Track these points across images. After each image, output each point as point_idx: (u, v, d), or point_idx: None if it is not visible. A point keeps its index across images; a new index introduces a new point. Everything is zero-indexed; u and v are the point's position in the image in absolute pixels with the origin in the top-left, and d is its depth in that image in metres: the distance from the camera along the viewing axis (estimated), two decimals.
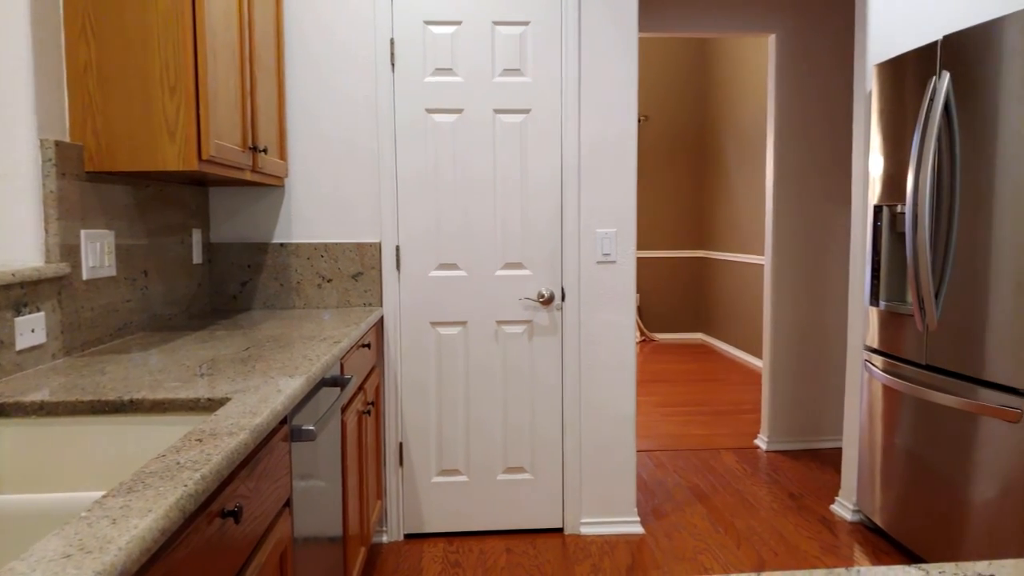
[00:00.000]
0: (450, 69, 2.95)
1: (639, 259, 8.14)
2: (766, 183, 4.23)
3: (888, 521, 2.93)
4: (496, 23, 2.95)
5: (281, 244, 2.96)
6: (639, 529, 3.12)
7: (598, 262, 3.04)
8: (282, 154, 2.83)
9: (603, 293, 3.05)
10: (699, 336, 8.19)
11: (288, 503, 1.57)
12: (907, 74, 2.79)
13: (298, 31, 2.90)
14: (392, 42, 2.92)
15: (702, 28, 4.09)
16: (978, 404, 2.41)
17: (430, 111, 2.96)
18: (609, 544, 3.01)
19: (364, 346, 2.57)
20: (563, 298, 3.04)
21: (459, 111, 2.97)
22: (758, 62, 6.53)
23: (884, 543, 3.00)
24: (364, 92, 2.94)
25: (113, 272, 2.10)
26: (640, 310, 8.16)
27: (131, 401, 1.43)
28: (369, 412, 2.58)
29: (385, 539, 3.07)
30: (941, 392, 2.58)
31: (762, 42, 6.40)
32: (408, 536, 3.11)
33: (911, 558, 2.86)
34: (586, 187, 3.02)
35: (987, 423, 2.39)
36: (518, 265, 3.03)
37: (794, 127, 4.14)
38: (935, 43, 2.62)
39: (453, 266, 3.02)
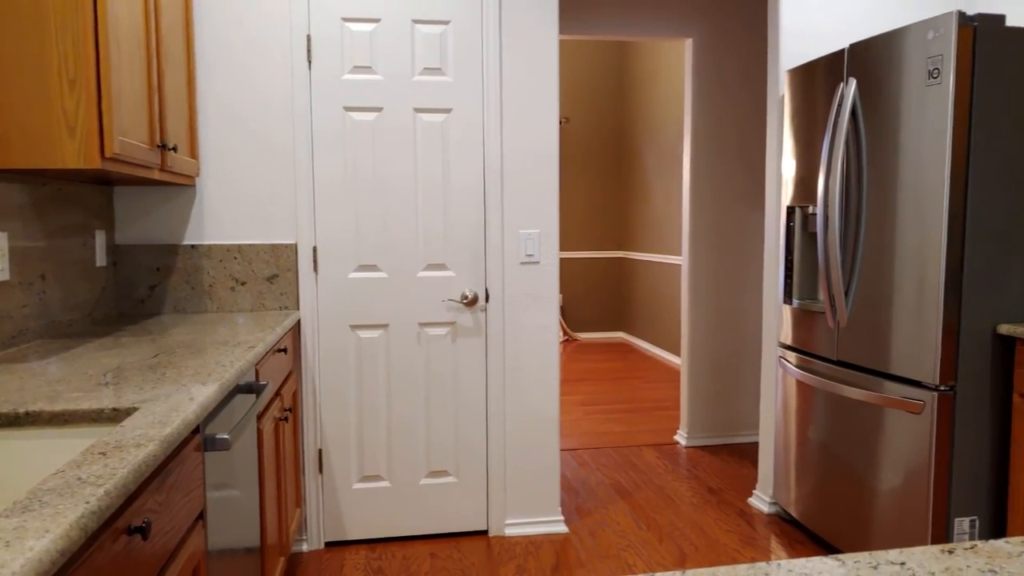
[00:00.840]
0: (369, 67, 2.89)
1: (562, 260, 8.21)
2: (683, 185, 4.33)
3: (803, 512, 3.03)
4: (416, 22, 2.91)
5: (192, 246, 2.84)
6: (563, 528, 3.13)
7: (522, 263, 3.04)
8: (193, 152, 2.72)
9: (527, 294, 3.05)
10: (620, 335, 8.32)
11: (202, 515, 1.50)
12: (817, 80, 2.89)
13: (209, 24, 2.79)
14: (309, 38, 2.85)
15: (621, 31, 4.14)
16: (885, 397, 2.52)
17: (349, 109, 2.90)
18: (534, 544, 3.01)
19: (280, 351, 2.49)
20: (487, 299, 3.02)
21: (378, 110, 2.92)
22: (675, 66, 6.68)
23: (799, 533, 3.10)
24: (280, 89, 2.85)
25: (7, 276, 1.97)
26: (563, 310, 8.23)
27: (27, 413, 1.33)
28: (287, 419, 2.50)
29: (305, 548, 2.99)
30: (851, 386, 2.68)
31: (679, 46, 6.55)
32: (329, 544, 3.03)
33: (825, 547, 2.96)
34: (509, 187, 3.01)
35: (893, 415, 2.50)
36: (441, 266, 3.00)
37: (710, 130, 4.25)
38: (843, 51, 2.73)
39: (373, 267, 2.96)
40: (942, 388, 2.34)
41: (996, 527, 2.41)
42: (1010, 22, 3.04)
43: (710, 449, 4.26)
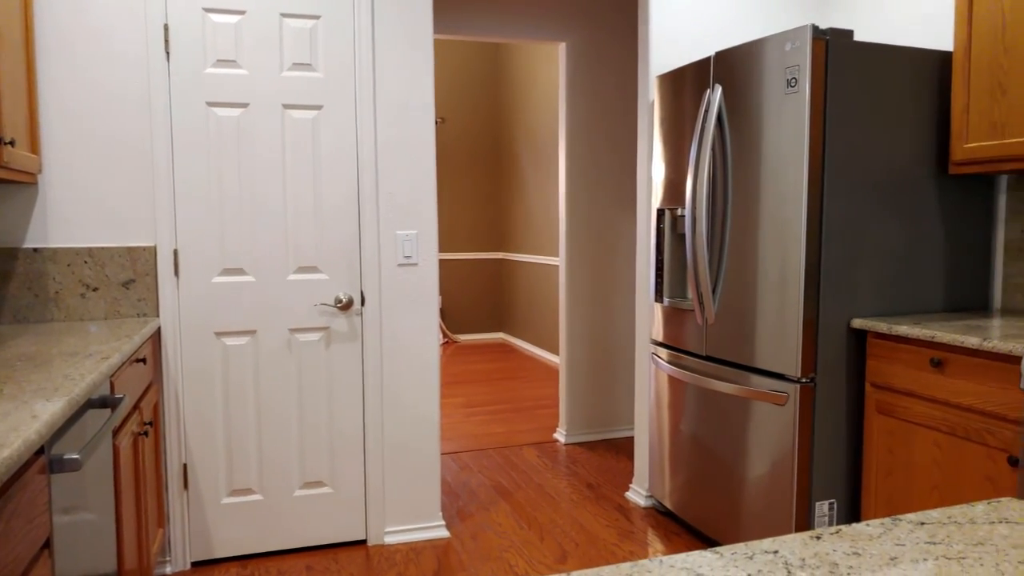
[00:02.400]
0: (234, 61, 2.75)
1: (441, 261, 8.11)
2: (559, 187, 4.39)
3: (677, 504, 3.13)
4: (284, 15, 2.79)
5: (35, 249, 2.60)
6: (445, 533, 3.10)
7: (399, 265, 2.97)
8: (34, 147, 2.48)
9: (405, 296, 2.99)
10: (500, 336, 8.36)
11: (48, 543, 1.36)
12: (685, 86, 2.99)
13: (52, 7, 2.56)
14: (166, 28, 2.67)
15: (495, 33, 4.15)
16: (751, 390, 2.64)
17: (212, 105, 2.74)
18: (415, 551, 2.95)
19: (139, 361, 2.31)
20: (363, 303, 2.94)
21: (244, 105, 2.78)
22: (551, 68, 6.77)
23: (675, 525, 3.20)
24: (135, 81, 2.66)
25: None
26: (442, 312, 8.18)
27: None
28: (147, 433, 2.33)
29: (169, 570, 2.80)
30: (719, 380, 2.79)
31: (554, 49, 6.65)
32: (196, 564, 2.85)
33: (699, 536, 3.07)
34: (385, 187, 2.94)
35: (759, 407, 2.62)
36: (313, 269, 2.89)
37: (584, 133, 4.33)
38: (709, 58, 2.84)
39: (239, 271, 2.82)
40: (803, 380, 2.47)
41: (852, 508, 2.58)
42: (856, 37, 3.26)
43: (588, 445, 4.34)
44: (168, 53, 2.68)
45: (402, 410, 3.02)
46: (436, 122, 7.97)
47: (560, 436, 4.44)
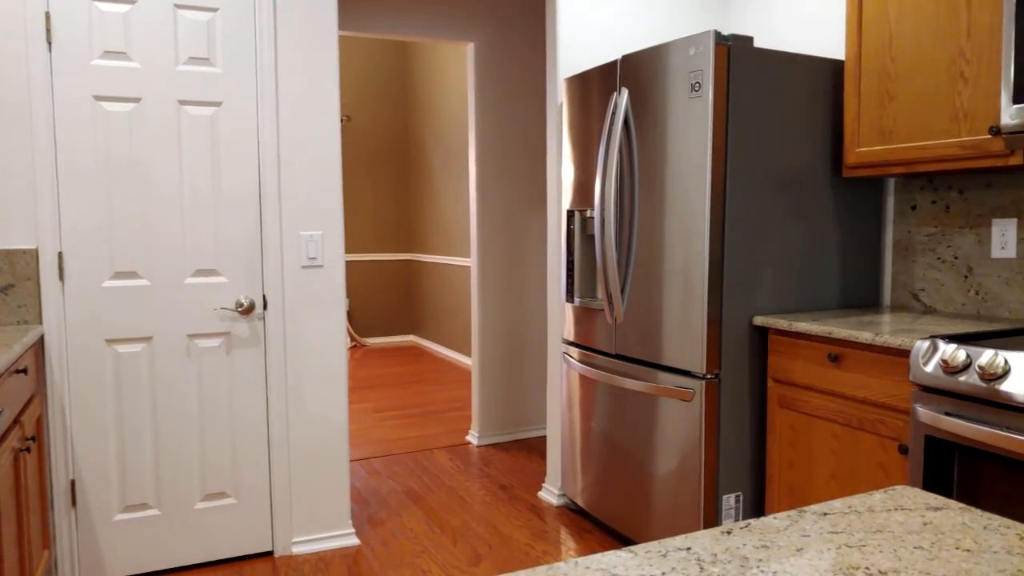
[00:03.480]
0: (124, 53, 2.60)
1: (348, 262, 7.99)
2: (470, 187, 4.37)
3: (589, 501, 3.16)
4: (179, 6, 2.66)
5: None
6: (355, 541, 3.02)
7: (303, 267, 2.88)
8: None
9: (310, 299, 2.90)
10: (411, 338, 8.26)
11: None
12: (593, 89, 3.02)
13: None
14: (48, 16, 2.50)
15: (402, 31, 4.09)
16: (659, 387, 2.68)
17: (100, 99, 2.58)
18: (324, 561, 2.87)
19: (19, 371, 2.15)
20: (265, 306, 2.83)
21: (136, 100, 2.63)
22: (460, 68, 6.75)
23: (587, 522, 3.23)
24: (12, 72, 2.47)
25: None
26: (350, 315, 8.02)
27: None
28: (29, 449, 2.17)
29: None
30: (629, 378, 2.83)
31: (463, 48, 6.62)
32: None
33: (610, 533, 3.11)
34: (288, 187, 2.84)
35: (667, 403, 2.67)
36: (212, 272, 2.77)
37: (494, 134, 4.32)
38: (615, 61, 2.87)
39: (132, 274, 2.66)
40: (708, 376, 2.53)
41: (757, 499, 2.66)
42: (756, 43, 3.37)
43: (502, 446, 4.33)
44: (50, 43, 2.51)
45: (309, 417, 2.93)
46: (342, 120, 7.81)
47: (473, 438, 4.42)
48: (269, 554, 2.92)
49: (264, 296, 2.83)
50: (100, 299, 2.63)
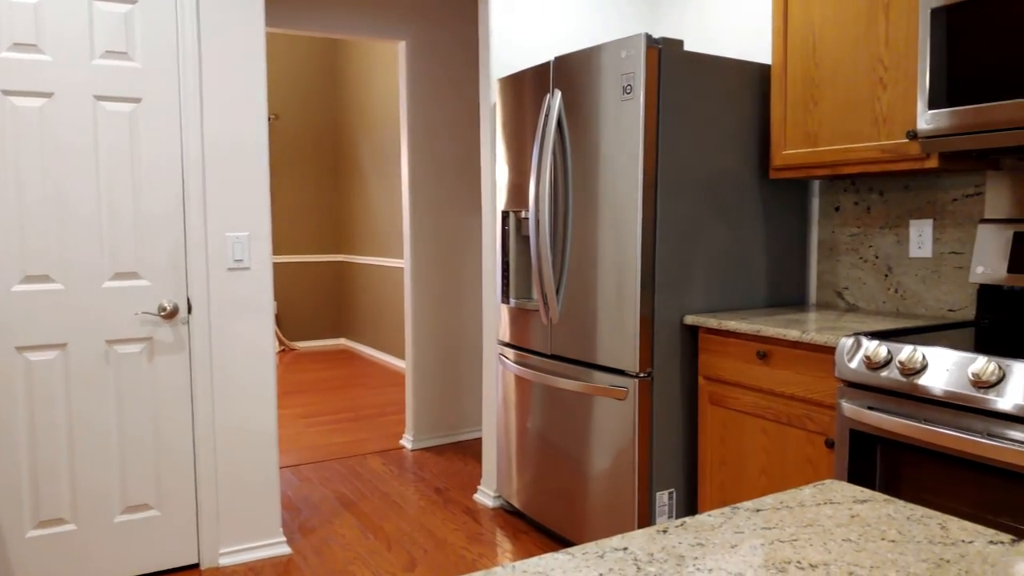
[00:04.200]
0: (34, 45, 2.47)
1: (276, 264, 7.81)
2: (402, 187, 4.32)
3: (525, 502, 3.15)
4: None
5: None
6: (286, 550, 2.94)
7: (229, 269, 2.79)
8: None
9: (236, 302, 2.81)
10: (342, 342, 8.13)
11: None
12: (526, 90, 3.02)
13: None
14: None
15: (331, 28, 4.02)
16: (593, 386, 2.70)
17: (8, 93, 2.45)
18: (254, 571, 2.78)
19: None
20: (189, 310, 2.73)
21: (48, 95, 2.50)
22: (391, 67, 6.67)
23: (523, 524, 3.22)
24: None
25: None
26: (278, 318, 7.84)
27: None
28: None
29: None
30: (564, 378, 2.84)
31: (394, 47, 6.55)
32: None
33: (546, 534, 3.11)
34: (213, 187, 2.75)
35: (601, 402, 2.69)
36: (132, 275, 2.65)
37: (427, 134, 4.28)
38: (548, 63, 2.88)
39: (45, 278, 2.53)
40: (641, 375, 2.56)
41: (690, 496, 2.70)
42: (687, 47, 3.43)
43: (436, 450, 4.29)
44: None
45: (236, 423, 2.84)
46: (269, 119, 7.64)
47: (407, 442, 4.36)
48: (195, 567, 2.82)
49: (188, 299, 2.73)
50: (9, 305, 2.49)
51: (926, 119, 2.08)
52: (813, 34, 2.53)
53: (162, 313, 2.66)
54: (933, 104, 2.06)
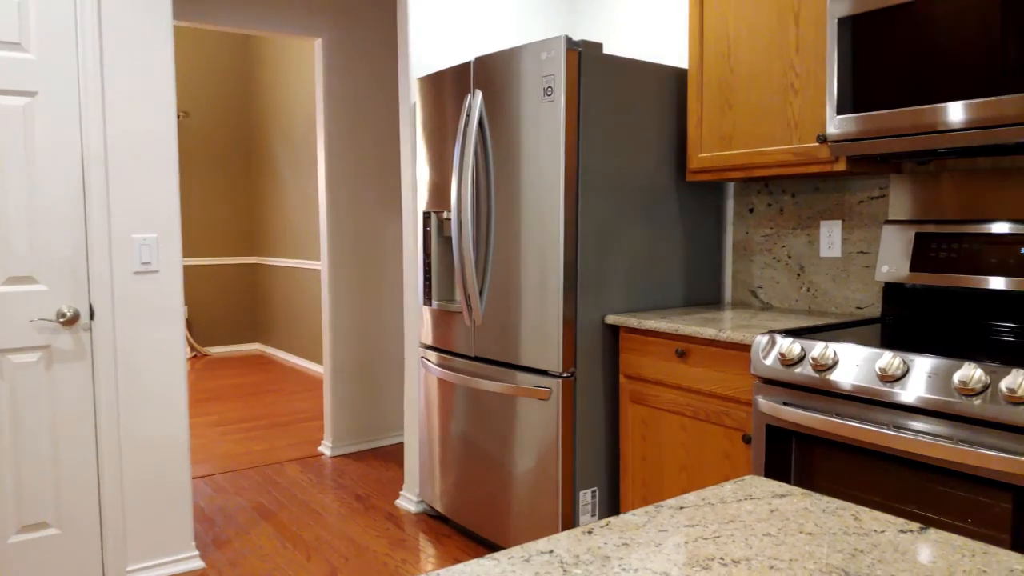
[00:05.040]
0: None
1: (186, 267, 7.52)
2: (319, 187, 4.22)
3: (448, 506, 3.12)
4: None
5: None
6: (199, 564, 2.82)
7: (136, 272, 2.66)
8: None
9: (144, 307, 2.68)
10: (257, 347, 7.90)
11: None
12: (446, 90, 2.99)
13: None
14: None
15: (244, 24, 3.89)
16: (517, 387, 2.69)
17: None
18: None
19: None
20: (92, 316, 2.59)
21: None
22: (307, 64, 6.52)
23: (446, 528, 3.19)
24: None
25: None
26: (190, 323, 7.55)
27: None
28: None
29: None
30: (487, 380, 2.82)
31: (310, 45, 6.41)
32: None
33: (470, 537, 3.08)
34: (117, 187, 2.62)
35: (525, 403, 2.68)
36: (28, 279, 2.49)
37: (345, 133, 4.20)
38: (469, 63, 2.86)
39: None
40: (565, 375, 2.57)
41: (612, 494, 2.72)
42: (606, 50, 3.47)
43: (357, 456, 4.21)
44: None
45: (143, 434, 2.71)
46: (179, 116, 7.36)
47: (326, 449, 4.26)
48: None
49: (91, 305, 2.59)
50: None
51: (835, 124, 2.16)
52: (728, 40, 2.59)
53: (61, 319, 2.51)
54: (841, 110, 2.14)
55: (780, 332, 2.11)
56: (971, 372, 1.64)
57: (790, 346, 2.02)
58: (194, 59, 7.45)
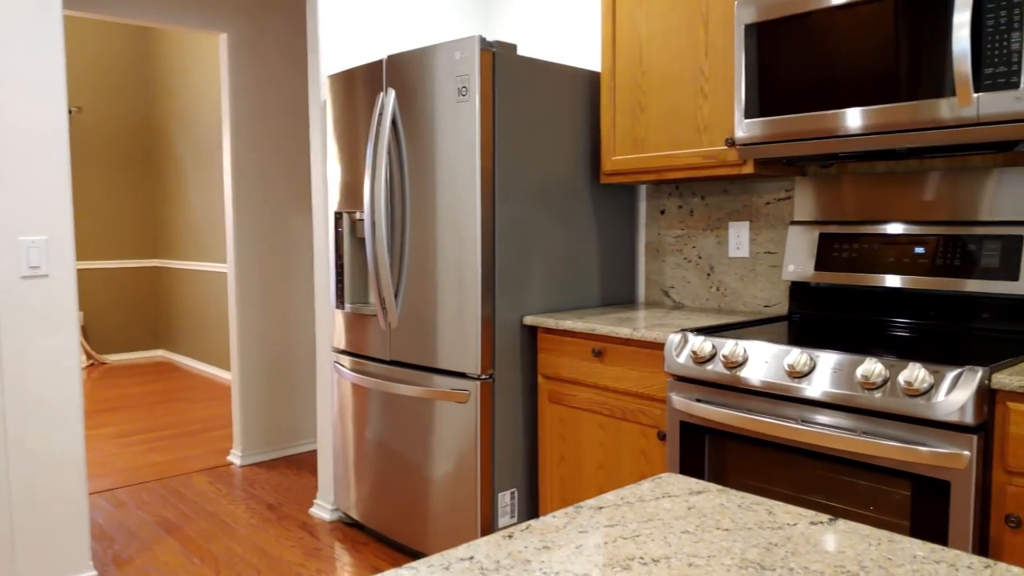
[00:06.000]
0: None
1: (82, 271, 7.13)
2: (224, 187, 4.06)
3: (364, 513, 3.05)
4: None
5: None
6: None
7: (24, 277, 2.49)
8: None
9: (32, 314, 2.51)
10: (160, 353, 7.56)
11: None
12: (358, 88, 2.93)
13: None
14: None
15: (142, 16, 3.71)
16: (434, 391, 2.66)
17: None
18: None
19: None
20: None
21: None
22: (211, 60, 6.29)
23: (362, 535, 3.12)
24: None
25: None
26: (85, 330, 7.16)
27: None
28: None
29: None
30: (404, 384, 2.78)
31: (215, 39, 6.19)
32: None
33: (388, 544, 3.03)
34: (1, 186, 2.44)
35: (443, 406, 2.65)
36: None
37: (253, 131, 4.06)
38: (381, 61, 2.81)
39: None
40: (483, 377, 2.55)
41: (531, 494, 2.72)
42: (520, 52, 3.48)
43: (268, 464, 4.08)
44: None
45: (34, 448, 2.54)
46: (71, 111, 6.99)
47: (235, 458, 4.11)
48: None
49: None
50: None
51: (743, 128, 2.22)
52: (640, 43, 2.63)
53: None
54: (748, 114, 2.20)
55: (692, 331, 2.16)
56: (872, 367, 1.71)
57: (702, 344, 2.06)
58: (89, 52, 7.07)
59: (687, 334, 2.14)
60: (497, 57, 2.52)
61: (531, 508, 2.72)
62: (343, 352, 3.11)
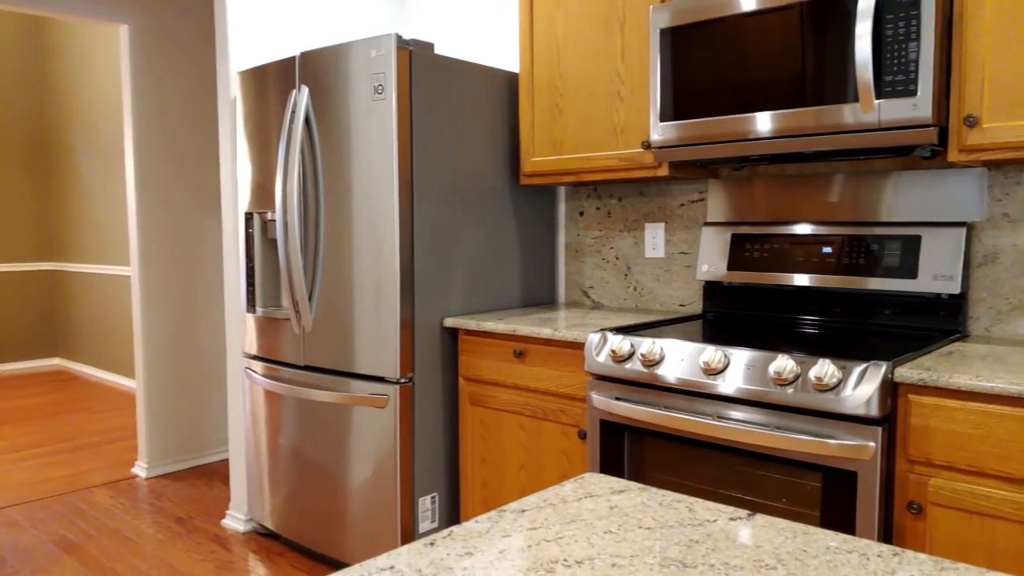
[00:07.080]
0: None
1: None
2: (127, 187, 3.88)
3: (279, 523, 2.96)
4: None
5: None
6: None
7: None
8: None
9: None
10: (56, 362, 7.16)
11: None
12: (270, 85, 2.84)
13: None
14: None
15: (32, 4, 3.50)
16: (352, 396, 2.60)
17: None
18: None
19: None
20: None
21: None
22: (112, 52, 6.00)
23: (279, 545, 3.02)
24: None
25: None
26: None
27: None
28: None
29: None
30: (319, 389, 2.70)
31: (115, 31, 5.90)
32: None
33: (304, 553, 2.94)
34: None
35: (361, 412, 2.59)
36: None
37: (157, 128, 3.88)
38: (294, 58, 2.73)
39: None
40: (402, 380, 2.51)
41: (452, 498, 2.69)
42: (438, 51, 3.44)
43: (176, 475, 3.91)
44: None
45: None
46: None
47: (140, 470, 3.92)
48: None
49: None
50: None
51: (658, 131, 2.26)
52: (557, 45, 2.64)
53: None
54: (664, 117, 2.24)
55: (611, 330, 2.18)
56: (784, 363, 1.76)
57: (620, 343, 2.08)
58: None
59: (606, 333, 2.16)
60: (414, 55, 2.48)
61: (453, 512, 2.69)
62: (255, 357, 3.01)
